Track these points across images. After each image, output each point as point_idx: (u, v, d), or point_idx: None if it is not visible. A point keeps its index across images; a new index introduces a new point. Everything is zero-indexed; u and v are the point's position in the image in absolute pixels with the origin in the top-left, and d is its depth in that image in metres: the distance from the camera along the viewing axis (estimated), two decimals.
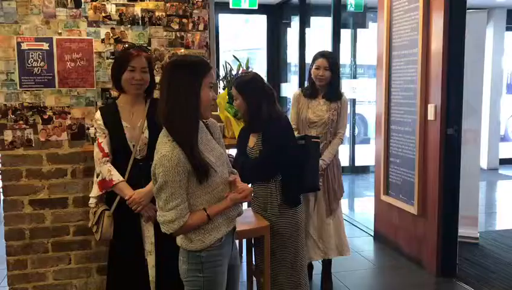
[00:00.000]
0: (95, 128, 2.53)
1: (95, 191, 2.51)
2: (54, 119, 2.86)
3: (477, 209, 4.58)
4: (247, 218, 2.71)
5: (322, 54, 3.43)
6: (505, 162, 8.47)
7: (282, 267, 2.74)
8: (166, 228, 1.87)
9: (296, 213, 2.77)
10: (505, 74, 10.07)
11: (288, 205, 2.74)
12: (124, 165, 2.47)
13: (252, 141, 2.79)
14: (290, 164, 2.74)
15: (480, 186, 5.22)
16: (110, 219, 2.49)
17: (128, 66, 2.43)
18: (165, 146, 1.84)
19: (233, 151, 2.96)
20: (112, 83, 2.56)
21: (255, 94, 2.69)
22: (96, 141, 2.49)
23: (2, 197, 2.88)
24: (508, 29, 8.16)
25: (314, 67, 3.38)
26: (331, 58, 3.41)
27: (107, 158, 2.47)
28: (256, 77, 2.78)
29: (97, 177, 2.48)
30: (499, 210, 6.19)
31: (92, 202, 2.53)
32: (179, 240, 1.96)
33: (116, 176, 2.44)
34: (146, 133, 2.50)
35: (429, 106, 3.82)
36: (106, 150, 2.47)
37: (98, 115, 2.53)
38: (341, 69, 7.61)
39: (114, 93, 2.84)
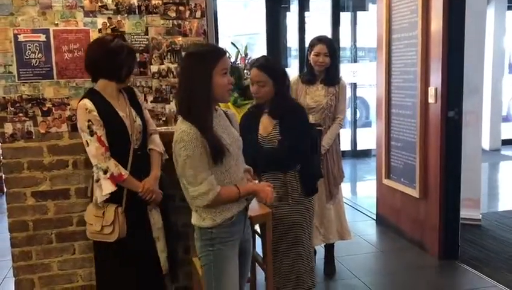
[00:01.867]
0: (89, 121, 2.36)
1: (109, 188, 2.36)
2: (53, 110, 2.85)
3: (479, 191, 4.58)
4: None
5: (319, 40, 3.40)
6: (507, 142, 8.43)
7: (301, 255, 2.71)
8: (201, 201, 1.97)
9: (312, 201, 2.77)
10: (507, 53, 9.99)
11: (308, 194, 2.71)
12: (124, 157, 2.44)
13: (266, 129, 2.67)
14: (309, 153, 2.72)
15: (482, 167, 5.21)
16: (123, 215, 2.41)
17: (134, 59, 2.51)
18: (183, 124, 1.95)
19: None
20: (108, 71, 2.45)
21: (284, 80, 2.62)
22: (95, 135, 2.36)
23: (5, 190, 2.87)
24: (509, 8, 8.08)
25: (313, 53, 3.36)
26: (329, 44, 3.39)
27: (109, 152, 2.40)
28: (278, 62, 2.75)
29: (105, 173, 2.37)
30: (501, 191, 6.20)
31: (102, 200, 2.40)
32: (194, 218, 2.09)
33: (123, 170, 2.41)
34: (139, 121, 2.50)
35: (429, 88, 3.80)
36: (106, 143, 2.39)
37: (89, 104, 2.37)
38: (341, 52, 7.63)
39: None
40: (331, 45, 3.39)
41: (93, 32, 2.85)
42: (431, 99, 3.79)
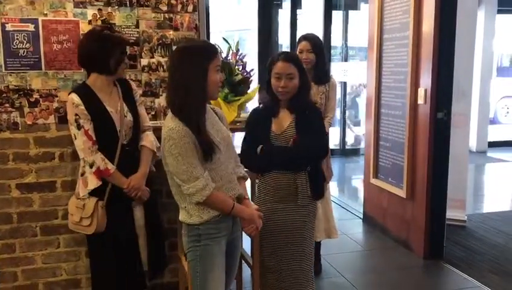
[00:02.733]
0: (76, 115, 2.37)
1: (93, 183, 2.38)
2: (40, 102, 2.81)
3: (465, 192, 4.63)
4: None
5: (304, 37, 3.43)
6: (493, 144, 8.53)
7: (307, 259, 2.61)
8: (199, 197, 1.97)
9: (316, 205, 2.67)
10: (496, 56, 10.09)
11: (317, 197, 2.60)
12: (111, 152, 2.42)
13: (281, 126, 2.51)
14: (325, 153, 2.66)
15: (469, 169, 5.27)
16: (103, 209, 2.42)
17: (122, 50, 2.44)
18: (172, 121, 1.94)
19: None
20: (96, 64, 2.44)
21: (307, 74, 2.55)
22: (82, 129, 2.37)
23: None
24: (499, 12, 8.14)
25: (297, 51, 3.37)
26: (313, 40, 3.38)
27: (96, 146, 2.39)
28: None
29: (90, 167, 2.37)
30: (487, 193, 6.27)
31: (85, 194, 2.42)
32: (181, 215, 2.09)
33: (110, 164, 2.40)
34: (129, 117, 2.47)
35: (419, 89, 3.81)
36: (94, 137, 2.38)
37: (76, 99, 2.36)
38: (332, 51, 7.63)
39: None
40: (315, 41, 3.39)
41: (83, 24, 2.81)
42: (420, 100, 3.81)
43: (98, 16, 2.84)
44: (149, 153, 2.55)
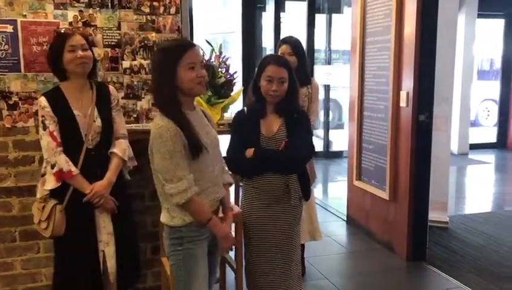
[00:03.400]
0: (42, 116, 2.36)
1: (51, 184, 2.34)
2: (20, 105, 2.77)
3: (447, 194, 4.68)
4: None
5: (284, 41, 3.42)
6: (474, 147, 8.64)
7: (297, 258, 2.61)
8: (179, 199, 1.95)
9: (302, 206, 2.68)
10: (476, 60, 10.25)
11: (306, 197, 2.60)
12: (75, 156, 2.37)
13: (270, 129, 2.49)
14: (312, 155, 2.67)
15: (451, 171, 5.33)
16: (62, 213, 2.37)
17: (66, 46, 2.34)
18: (162, 119, 1.96)
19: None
20: (53, 71, 2.44)
21: (295, 78, 2.54)
22: (47, 130, 2.34)
23: None
24: (479, 16, 8.27)
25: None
26: (293, 43, 3.38)
27: (61, 148, 2.35)
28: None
29: (52, 168, 2.34)
30: (468, 194, 6.35)
31: (43, 195, 2.39)
32: (163, 217, 2.08)
33: (74, 167, 2.35)
34: (98, 122, 2.42)
35: (401, 92, 3.85)
36: (59, 138, 2.35)
37: (43, 101, 2.36)
38: (316, 54, 7.67)
39: None
40: (295, 44, 3.39)
41: (64, 25, 2.77)
42: (402, 103, 3.84)
43: (79, 18, 2.81)
44: (118, 161, 2.47)
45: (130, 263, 2.57)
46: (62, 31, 2.46)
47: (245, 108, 2.65)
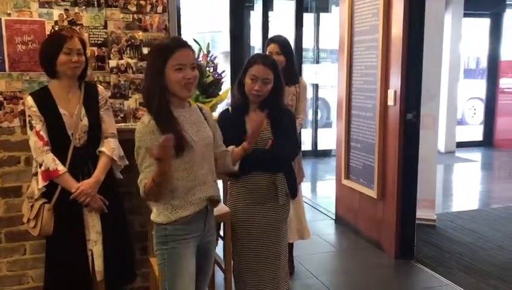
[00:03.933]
0: (29, 116, 2.37)
1: (41, 183, 2.34)
2: (4, 104, 2.73)
3: (434, 192, 4.71)
4: None
5: (272, 40, 3.43)
6: (461, 145, 8.72)
7: (284, 255, 2.63)
8: (140, 190, 2.00)
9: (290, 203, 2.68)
10: (462, 59, 10.34)
11: (293, 196, 2.61)
12: (63, 154, 2.37)
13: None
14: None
15: (438, 169, 5.37)
16: (50, 212, 2.37)
17: (63, 48, 2.33)
18: (145, 116, 2.02)
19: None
20: (43, 68, 2.43)
21: (281, 77, 2.53)
22: (34, 129, 2.35)
23: None
24: (465, 15, 8.33)
25: (267, 53, 3.36)
26: (281, 43, 3.38)
27: (48, 147, 2.35)
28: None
29: (40, 167, 2.34)
30: (455, 192, 6.41)
31: (36, 194, 2.38)
32: (152, 214, 2.09)
33: (61, 166, 2.34)
34: (85, 121, 2.41)
35: (389, 91, 3.87)
36: (46, 138, 2.35)
37: (30, 101, 2.37)
38: (304, 53, 7.68)
39: None
40: (282, 43, 3.39)
41: (49, 24, 2.74)
42: (390, 102, 3.86)
43: (65, 17, 2.78)
44: (106, 160, 2.46)
45: (120, 262, 2.56)
46: (61, 32, 2.43)
47: (229, 108, 2.64)
